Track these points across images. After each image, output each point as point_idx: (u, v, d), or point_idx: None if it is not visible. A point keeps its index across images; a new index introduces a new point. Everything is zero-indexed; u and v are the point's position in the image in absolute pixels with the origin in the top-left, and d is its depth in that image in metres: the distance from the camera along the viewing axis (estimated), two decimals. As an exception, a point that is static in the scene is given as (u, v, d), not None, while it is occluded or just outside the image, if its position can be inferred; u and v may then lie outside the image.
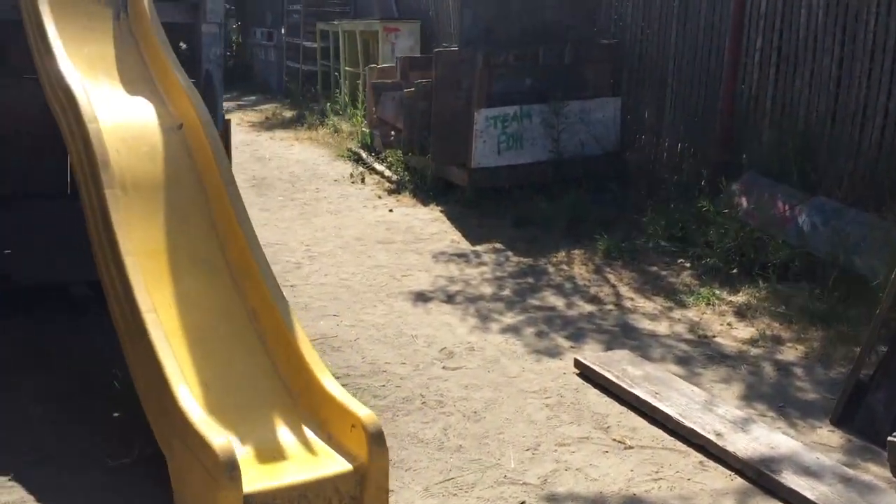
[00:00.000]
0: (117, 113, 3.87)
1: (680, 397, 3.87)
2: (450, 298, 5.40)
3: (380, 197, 8.01)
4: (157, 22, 4.33)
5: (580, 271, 5.92)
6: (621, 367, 4.19)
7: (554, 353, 4.58)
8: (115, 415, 3.68)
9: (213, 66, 4.89)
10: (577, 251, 6.27)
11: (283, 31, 15.51)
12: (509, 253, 6.33)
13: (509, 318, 5.07)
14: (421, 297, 5.40)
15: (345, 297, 5.39)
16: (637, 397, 3.89)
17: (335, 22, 13.25)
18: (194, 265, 3.55)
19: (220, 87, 4.98)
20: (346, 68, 12.45)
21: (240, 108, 14.26)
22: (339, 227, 7.03)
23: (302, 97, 13.78)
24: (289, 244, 6.55)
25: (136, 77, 4.18)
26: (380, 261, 6.14)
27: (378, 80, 9.45)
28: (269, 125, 12.28)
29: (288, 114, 13.05)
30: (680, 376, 4.22)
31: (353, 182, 8.60)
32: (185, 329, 3.31)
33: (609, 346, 4.66)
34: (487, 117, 7.35)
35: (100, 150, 3.53)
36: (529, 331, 4.88)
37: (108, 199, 3.43)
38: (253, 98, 15.40)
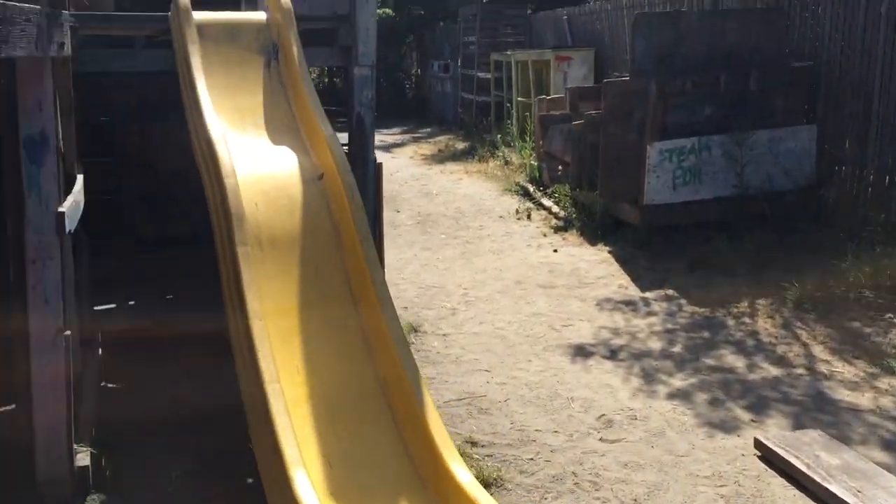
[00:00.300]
0: (260, 164, 3.78)
1: (889, 498, 3.19)
2: (613, 354, 4.92)
3: (545, 235, 7.63)
4: (305, 69, 4.24)
5: (765, 325, 5.23)
6: (813, 452, 3.55)
7: (730, 427, 3.99)
8: (249, 481, 3.53)
9: (364, 110, 4.74)
10: (761, 301, 5.57)
11: (458, 62, 15.58)
12: (682, 301, 5.73)
13: (679, 381, 4.51)
14: (581, 352, 4.96)
15: (499, 349, 5.04)
16: (833, 495, 3.25)
17: (508, 52, 13.08)
18: (326, 326, 3.35)
19: (372, 131, 4.83)
20: (518, 98, 12.21)
21: (414, 140, 14.41)
22: (500, 268, 6.72)
23: (474, 129, 13.72)
24: (447, 287, 6.31)
25: (282, 126, 4.09)
26: (539, 308, 5.75)
27: (547, 111, 9.12)
28: (440, 158, 12.25)
29: (460, 146, 12.99)
30: (887, 466, 3.51)
31: (518, 218, 8.28)
32: (310, 397, 3.11)
33: (798, 422, 4.00)
34: (661, 150, 6.80)
35: (235, 206, 3.42)
36: (702, 397, 4.31)
37: (239, 257, 3.30)
38: (428, 130, 15.55)
